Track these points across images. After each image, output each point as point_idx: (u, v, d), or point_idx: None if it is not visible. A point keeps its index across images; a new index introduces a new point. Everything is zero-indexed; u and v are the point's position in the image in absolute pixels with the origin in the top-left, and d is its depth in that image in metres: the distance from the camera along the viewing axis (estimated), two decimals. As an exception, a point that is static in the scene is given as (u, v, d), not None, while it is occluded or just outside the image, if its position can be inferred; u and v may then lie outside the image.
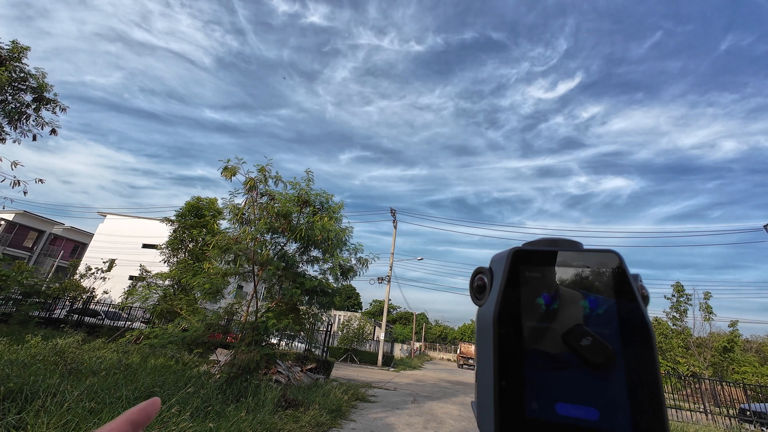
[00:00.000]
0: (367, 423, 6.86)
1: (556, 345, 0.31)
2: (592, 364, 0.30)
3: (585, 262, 0.33)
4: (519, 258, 0.34)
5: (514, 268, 0.34)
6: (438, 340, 61.67)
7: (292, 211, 7.97)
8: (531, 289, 0.33)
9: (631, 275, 0.32)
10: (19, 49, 8.59)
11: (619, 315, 0.31)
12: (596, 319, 0.31)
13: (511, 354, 0.31)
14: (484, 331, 0.33)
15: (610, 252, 0.33)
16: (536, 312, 0.32)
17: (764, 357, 27.80)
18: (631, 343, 0.30)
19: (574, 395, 0.29)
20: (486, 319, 0.33)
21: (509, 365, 0.31)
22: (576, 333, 0.31)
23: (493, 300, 0.33)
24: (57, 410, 3.78)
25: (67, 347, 5.88)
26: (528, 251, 0.35)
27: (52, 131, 9.20)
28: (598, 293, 0.32)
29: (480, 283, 0.37)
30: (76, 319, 15.41)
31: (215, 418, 4.89)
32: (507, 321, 0.32)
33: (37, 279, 15.84)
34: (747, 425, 11.52)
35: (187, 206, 15.85)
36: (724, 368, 22.64)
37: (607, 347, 0.30)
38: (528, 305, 0.33)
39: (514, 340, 0.32)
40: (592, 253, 0.33)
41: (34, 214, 33.52)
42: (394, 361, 25.61)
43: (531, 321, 0.32)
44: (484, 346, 0.33)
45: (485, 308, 0.34)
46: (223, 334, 8.64)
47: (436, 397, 11.58)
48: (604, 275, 0.33)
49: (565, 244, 0.36)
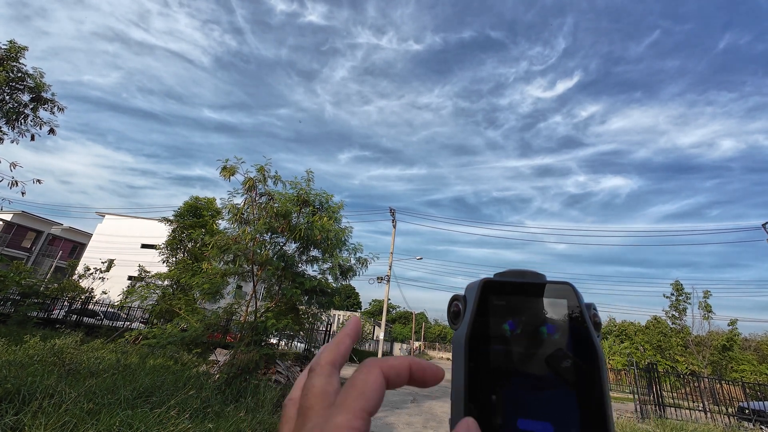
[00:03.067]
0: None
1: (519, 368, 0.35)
2: (572, 384, 0.33)
3: (545, 292, 0.38)
4: (488, 288, 0.39)
5: (483, 297, 0.38)
6: (437, 339, 61.73)
7: (292, 211, 7.95)
8: (498, 316, 0.37)
9: (585, 304, 0.37)
10: (17, 49, 8.55)
11: (572, 339, 0.35)
12: (553, 343, 0.36)
13: (479, 374, 0.35)
14: (458, 352, 0.37)
15: (566, 284, 0.38)
16: (502, 336, 0.36)
17: (763, 355, 27.87)
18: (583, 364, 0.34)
19: (533, 412, 0.33)
20: (459, 342, 0.37)
21: (477, 384, 0.34)
22: (558, 356, 0.35)
23: (465, 325, 0.37)
24: (55, 411, 3.76)
25: (66, 348, 5.86)
26: (497, 282, 0.39)
27: (50, 131, 9.17)
28: (555, 320, 0.37)
29: (455, 309, 0.41)
30: (75, 320, 15.36)
31: (214, 418, 4.88)
32: (476, 344, 0.36)
33: (35, 279, 15.79)
34: (746, 423, 11.54)
35: (186, 206, 15.82)
36: (723, 367, 22.71)
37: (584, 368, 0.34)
38: (495, 330, 0.37)
39: (483, 362, 0.35)
40: (551, 284, 0.38)
41: (33, 215, 33.44)
42: (393, 361, 25.62)
43: (497, 344, 0.36)
44: (457, 366, 0.36)
45: (459, 332, 0.38)
46: (222, 334, 8.63)
47: (435, 397, 11.59)
48: (560, 304, 0.37)
49: (531, 275, 0.40)
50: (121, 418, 3.96)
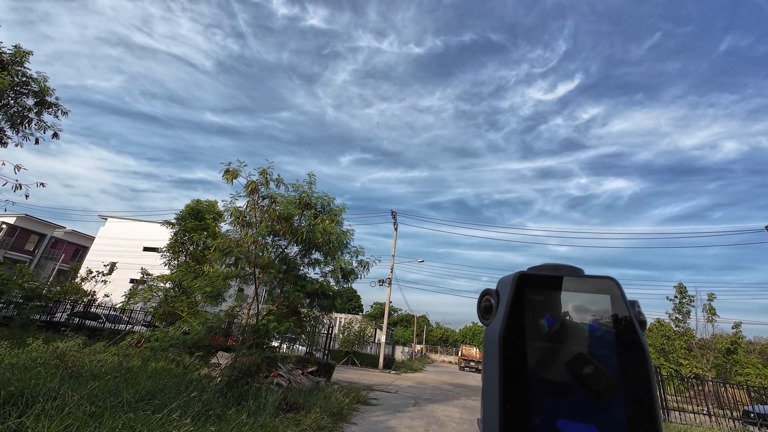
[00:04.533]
0: (369, 426, 6.82)
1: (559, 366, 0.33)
2: (595, 391, 0.32)
3: (586, 287, 0.36)
4: (524, 281, 0.37)
5: (519, 291, 0.36)
6: (439, 342, 61.47)
7: (294, 214, 7.97)
8: (535, 311, 0.36)
9: (629, 301, 0.35)
10: (21, 54, 8.64)
11: (617, 339, 0.33)
12: (596, 341, 0.34)
13: (516, 372, 0.33)
14: (491, 349, 0.35)
15: (609, 279, 0.36)
16: (539, 333, 0.35)
17: (767, 358, 27.63)
18: (629, 365, 0.32)
19: (575, 412, 0.31)
20: (492, 339, 0.36)
21: (514, 382, 0.33)
22: (579, 361, 0.33)
23: (499, 320, 0.36)
24: (57, 414, 3.77)
25: (68, 351, 5.88)
26: (532, 275, 0.37)
27: (54, 135, 9.24)
28: (596, 317, 0.35)
29: (487, 304, 0.39)
30: (77, 323, 15.39)
31: (216, 421, 4.87)
32: (512, 340, 0.34)
33: (38, 282, 15.84)
34: (750, 427, 11.43)
35: (188, 209, 15.87)
36: (728, 370, 22.52)
37: (608, 376, 0.32)
38: (531, 326, 0.35)
39: (519, 359, 0.34)
40: (593, 279, 0.36)
41: (36, 218, 33.59)
42: (395, 364, 25.52)
43: (534, 341, 0.34)
44: (490, 364, 0.35)
45: (491, 328, 0.37)
46: (224, 337, 8.63)
47: (437, 400, 11.53)
48: (602, 300, 0.35)
49: (568, 270, 0.38)
50: (123, 421, 3.97)
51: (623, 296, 0.34)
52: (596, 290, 0.35)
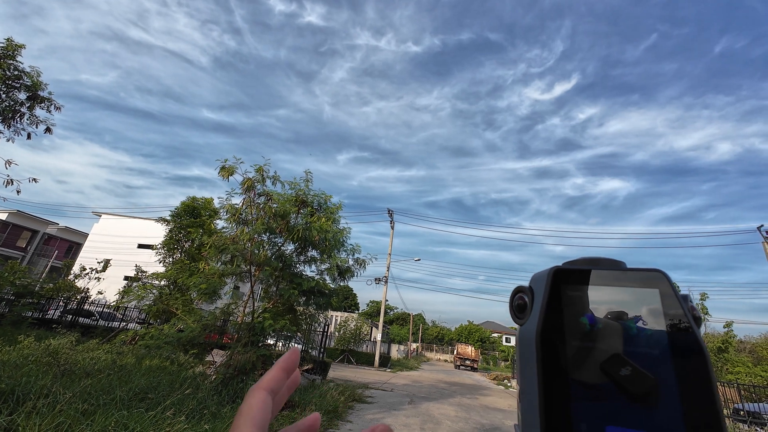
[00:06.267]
0: (364, 424, 6.83)
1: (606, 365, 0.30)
2: (632, 395, 0.29)
3: (629, 281, 0.33)
4: (560, 277, 0.34)
5: (555, 287, 0.34)
6: (435, 341, 61.66)
7: (290, 212, 7.93)
8: (573, 308, 0.33)
9: (681, 296, 0.32)
10: (14, 47, 8.50)
11: (670, 337, 0.30)
12: (644, 340, 0.30)
13: (556, 373, 0.30)
14: (527, 350, 0.33)
15: (657, 271, 0.32)
16: (580, 331, 0.32)
17: (758, 357, 28.03)
18: (685, 366, 0.29)
19: (623, 418, 0.28)
20: (528, 338, 0.33)
21: (554, 385, 0.30)
22: (615, 362, 0.30)
23: (535, 319, 0.33)
24: (49, 412, 3.72)
25: (61, 348, 5.81)
26: (569, 270, 0.35)
27: (46, 130, 9.10)
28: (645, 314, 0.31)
29: (520, 302, 0.37)
30: (70, 320, 15.24)
31: (210, 419, 4.85)
32: (550, 340, 0.32)
33: (30, 279, 15.66)
34: (741, 425, 11.60)
35: (183, 206, 15.74)
36: (719, 368, 22.80)
37: (647, 377, 0.29)
38: (571, 324, 0.32)
39: (558, 359, 0.31)
40: (637, 272, 0.33)
41: (28, 214, 33.18)
42: (390, 362, 25.57)
43: (575, 340, 0.31)
44: (527, 365, 0.32)
45: (527, 327, 0.34)
46: (219, 335, 8.58)
47: (432, 398, 11.57)
48: (651, 295, 0.32)
49: (607, 263, 0.35)
50: (116, 419, 3.93)
51: (674, 290, 0.31)
52: (642, 284, 0.32)
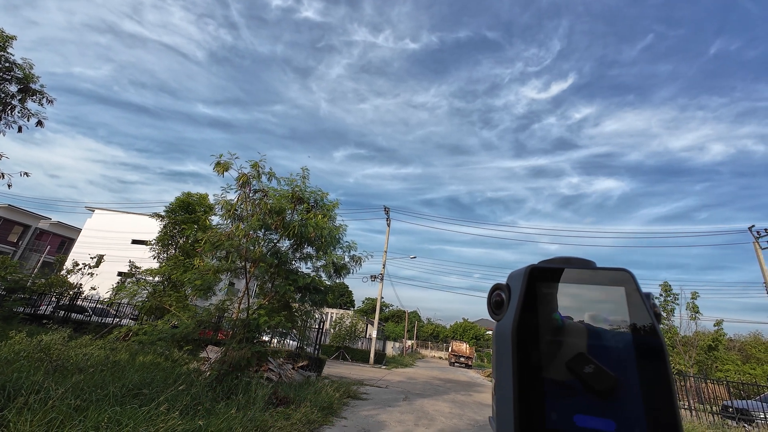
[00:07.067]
0: (359, 420, 6.86)
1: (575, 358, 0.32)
2: (596, 391, 0.31)
3: (598, 279, 0.35)
4: (535, 275, 0.36)
5: (531, 285, 0.36)
6: (430, 338, 61.96)
7: (286, 208, 7.90)
8: (548, 306, 0.35)
9: (644, 294, 0.34)
10: (5, 38, 8.34)
11: (633, 332, 0.32)
12: (610, 334, 0.33)
13: (530, 367, 0.32)
14: (503, 345, 0.35)
15: (623, 270, 0.34)
16: (552, 327, 0.34)
17: (746, 355, 28.52)
18: (646, 358, 0.31)
19: (591, 407, 0.31)
20: (504, 334, 0.35)
21: (528, 377, 0.32)
22: (579, 360, 0.32)
23: (511, 315, 0.35)
24: (41, 408, 3.69)
25: (53, 344, 5.76)
26: (544, 268, 0.37)
27: (38, 123, 8.97)
28: (611, 310, 0.33)
29: (498, 299, 0.39)
30: (63, 316, 15.10)
31: (205, 415, 4.83)
32: (525, 335, 0.33)
33: (21, 274, 15.47)
34: (729, 422, 11.81)
35: (178, 202, 15.63)
36: (709, 366, 23.14)
37: (609, 375, 0.31)
38: (545, 321, 0.34)
39: (533, 354, 0.33)
40: (605, 271, 0.35)
41: (20, 208, 32.73)
42: (386, 359, 25.66)
43: (548, 335, 0.33)
44: (503, 359, 0.34)
45: (503, 324, 0.36)
46: (213, 331, 8.55)
47: (427, 395, 11.64)
48: (617, 293, 0.34)
49: (579, 262, 0.37)
50: (109, 415, 3.91)
51: (638, 288, 0.33)
52: (610, 283, 0.34)
